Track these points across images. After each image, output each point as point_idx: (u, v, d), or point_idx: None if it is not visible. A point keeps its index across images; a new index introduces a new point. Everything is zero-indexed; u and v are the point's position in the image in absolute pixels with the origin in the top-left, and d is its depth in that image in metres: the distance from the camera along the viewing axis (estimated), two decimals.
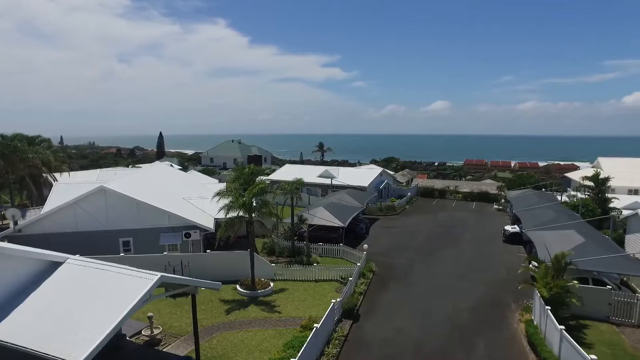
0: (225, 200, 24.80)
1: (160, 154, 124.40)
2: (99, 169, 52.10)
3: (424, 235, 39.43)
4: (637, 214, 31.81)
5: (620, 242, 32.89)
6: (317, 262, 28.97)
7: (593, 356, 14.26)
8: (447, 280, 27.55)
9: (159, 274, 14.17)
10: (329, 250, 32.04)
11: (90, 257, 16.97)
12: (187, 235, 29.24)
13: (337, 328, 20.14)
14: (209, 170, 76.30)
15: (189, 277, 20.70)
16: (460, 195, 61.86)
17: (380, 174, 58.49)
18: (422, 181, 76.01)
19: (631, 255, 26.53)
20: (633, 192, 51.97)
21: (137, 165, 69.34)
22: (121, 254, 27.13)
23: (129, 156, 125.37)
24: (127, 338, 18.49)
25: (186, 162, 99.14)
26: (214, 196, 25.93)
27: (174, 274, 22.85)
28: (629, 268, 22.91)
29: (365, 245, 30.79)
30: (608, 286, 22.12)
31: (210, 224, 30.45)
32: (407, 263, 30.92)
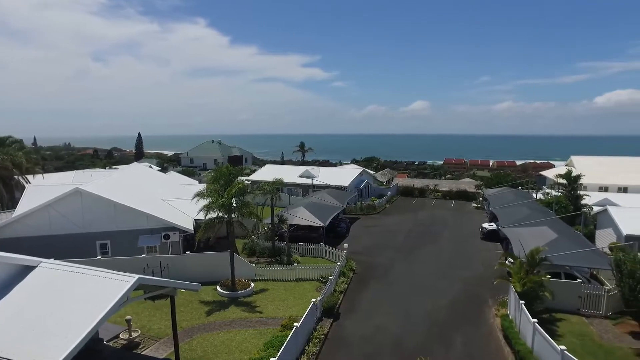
0: (205, 201, 24.67)
1: (138, 154, 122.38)
2: (74, 171, 50.87)
3: (404, 234, 39.92)
4: (606, 210, 32.97)
5: (591, 237, 34.01)
6: (298, 262, 29.05)
7: (562, 347, 14.85)
8: (427, 278, 27.98)
9: (137, 276, 14.02)
10: (310, 250, 32.15)
11: (66, 261, 16.66)
12: (166, 237, 28.92)
13: (317, 327, 20.25)
14: (189, 171, 75.53)
15: (168, 279, 20.51)
16: (440, 194, 62.77)
17: (361, 174, 58.87)
18: (402, 180, 76.85)
19: (600, 249, 27.53)
20: (603, 189, 53.71)
21: (114, 167, 68.00)
22: (98, 257, 26.65)
23: (107, 157, 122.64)
24: (105, 342, 18.22)
25: (165, 163, 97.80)
26: (194, 197, 25.76)
27: (152, 276, 22.59)
28: (598, 262, 23.76)
29: (346, 245, 31.02)
30: (578, 280, 22.93)
31: (189, 225, 30.20)
32: (387, 262, 31.27)
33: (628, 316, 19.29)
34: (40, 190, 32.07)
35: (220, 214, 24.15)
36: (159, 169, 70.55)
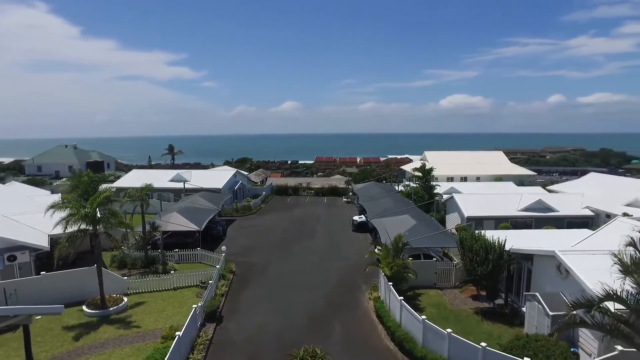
0: (63, 213, 22.01)
1: None
2: None
3: (280, 231, 40.90)
4: (452, 197, 38.47)
5: (443, 221, 39.35)
6: (175, 270, 27.81)
7: (423, 317, 17.46)
8: (304, 272, 29.19)
9: None
10: (186, 256, 30.96)
11: None
12: (12, 258, 24.93)
13: (201, 333, 19.79)
14: (37, 181, 65.76)
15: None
16: (313, 191, 65.62)
17: (235, 175, 58.51)
18: (276, 180, 78.26)
19: (449, 231, 32.11)
20: (450, 179, 62.25)
21: None
22: None
23: None
24: None
25: (2, 172, 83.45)
26: (48, 209, 22.72)
27: None
28: (448, 242, 27.85)
29: (224, 247, 30.68)
30: (434, 259, 26.48)
31: (44, 242, 26.51)
32: (265, 260, 31.74)
33: (470, 283, 23.12)
34: None
35: (84, 226, 21.83)
36: None
